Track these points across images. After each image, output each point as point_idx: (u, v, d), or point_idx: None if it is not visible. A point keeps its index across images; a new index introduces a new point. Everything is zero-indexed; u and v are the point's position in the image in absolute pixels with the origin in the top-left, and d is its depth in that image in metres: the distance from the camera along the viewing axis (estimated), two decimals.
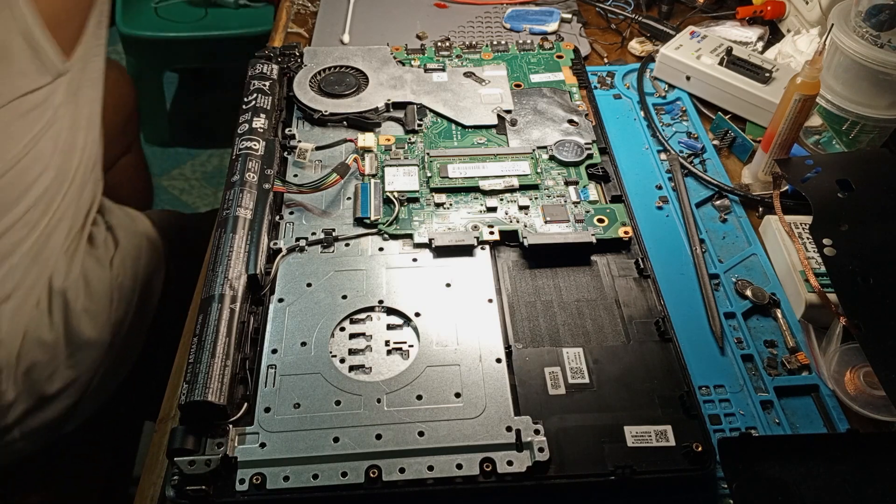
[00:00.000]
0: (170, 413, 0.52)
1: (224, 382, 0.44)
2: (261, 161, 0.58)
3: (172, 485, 0.42)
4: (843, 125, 0.71)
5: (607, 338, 0.51)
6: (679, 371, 0.49)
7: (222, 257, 0.51)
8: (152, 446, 0.51)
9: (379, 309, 0.52)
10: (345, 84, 0.69)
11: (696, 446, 0.44)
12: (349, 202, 0.59)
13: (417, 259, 0.55)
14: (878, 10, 0.65)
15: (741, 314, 0.57)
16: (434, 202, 0.59)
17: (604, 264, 0.56)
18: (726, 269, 0.60)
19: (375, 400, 0.46)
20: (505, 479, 0.43)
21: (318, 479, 0.42)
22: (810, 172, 0.62)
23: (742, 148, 0.72)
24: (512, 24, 0.87)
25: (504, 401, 0.46)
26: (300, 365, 0.48)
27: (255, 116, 0.61)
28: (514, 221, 0.58)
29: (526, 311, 0.52)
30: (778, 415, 0.51)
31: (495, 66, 0.73)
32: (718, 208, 0.66)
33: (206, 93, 1.88)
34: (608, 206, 0.59)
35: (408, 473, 0.43)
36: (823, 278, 0.56)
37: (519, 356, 0.49)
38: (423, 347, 0.49)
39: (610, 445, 0.45)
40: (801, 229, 0.60)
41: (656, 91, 0.78)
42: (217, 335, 0.46)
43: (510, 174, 0.61)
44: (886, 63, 0.65)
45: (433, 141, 0.65)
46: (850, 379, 0.53)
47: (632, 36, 0.87)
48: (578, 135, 0.65)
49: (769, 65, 0.74)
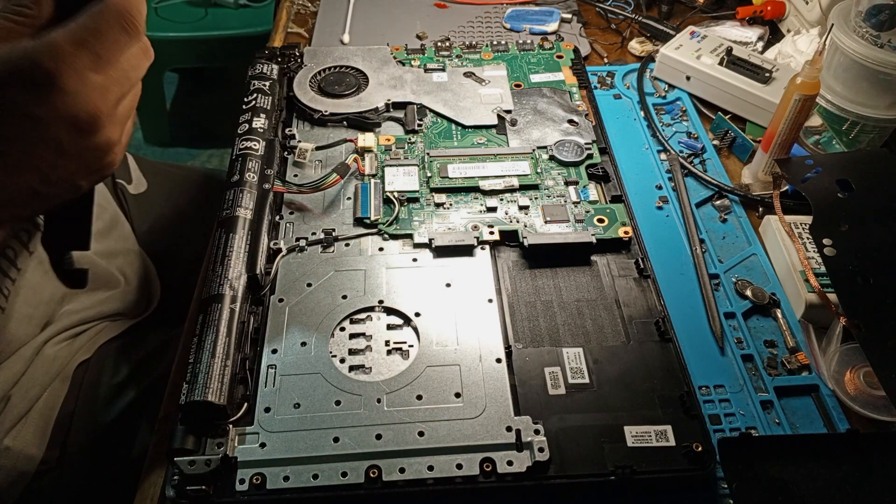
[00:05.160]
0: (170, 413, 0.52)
1: (224, 382, 0.44)
2: (261, 161, 0.58)
3: (172, 485, 0.42)
4: (843, 125, 0.71)
5: (607, 338, 0.51)
6: (679, 371, 0.49)
7: (222, 257, 0.51)
8: (152, 446, 0.51)
9: (379, 309, 0.52)
10: (345, 84, 0.69)
11: (696, 446, 0.44)
12: (349, 202, 0.59)
13: (417, 259, 0.55)
14: (878, 10, 0.65)
15: (741, 314, 0.57)
16: (434, 202, 0.59)
17: (604, 264, 0.56)
18: (726, 269, 0.60)
19: (375, 400, 0.46)
20: (505, 479, 0.43)
21: (318, 479, 0.42)
22: (810, 172, 0.62)
23: (742, 148, 0.72)
24: (512, 24, 0.87)
25: (504, 401, 0.46)
26: (300, 365, 0.48)
27: (255, 116, 0.61)
28: (514, 221, 0.58)
29: (526, 311, 0.52)
30: (778, 415, 0.51)
31: (495, 66, 0.73)
32: (718, 208, 0.66)
33: (206, 93, 1.88)
34: (608, 206, 0.59)
35: (408, 473, 0.43)
36: (823, 278, 0.56)
37: (519, 356, 0.49)
38: (423, 347, 0.49)
39: (610, 445, 0.44)
40: (801, 229, 0.60)
41: (656, 91, 0.78)
42: (217, 335, 0.46)
43: (510, 174, 0.61)
44: (886, 63, 0.65)
45: (433, 141, 0.65)
46: (850, 379, 0.53)
47: (632, 36, 0.87)
48: (578, 135, 0.65)
49: (769, 65, 0.74)
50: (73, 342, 0.67)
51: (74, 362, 0.67)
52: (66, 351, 0.66)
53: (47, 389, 0.64)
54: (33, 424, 0.63)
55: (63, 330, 0.66)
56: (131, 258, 0.77)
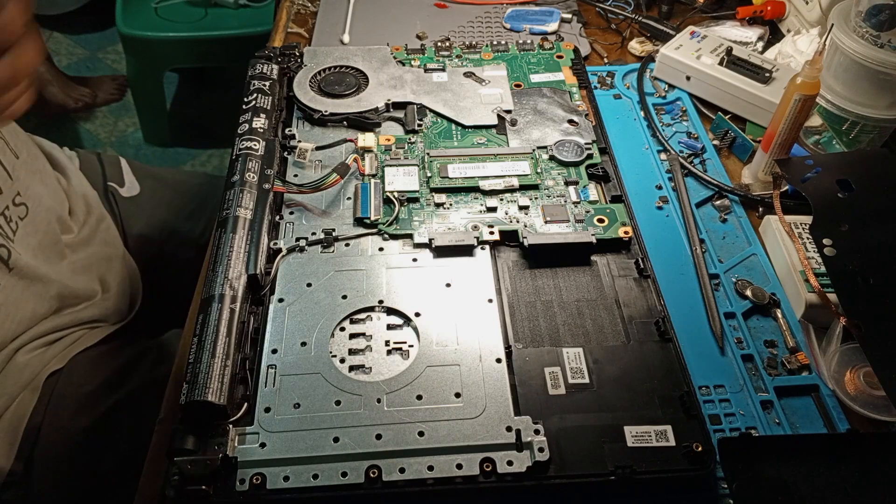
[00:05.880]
0: (170, 413, 0.52)
1: (224, 382, 0.44)
2: (261, 161, 0.58)
3: (172, 485, 0.42)
4: (843, 125, 0.71)
5: (607, 338, 0.51)
6: (679, 371, 0.49)
7: (222, 257, 0.51)
8: (152, 446, 0.51)
9: (379, 309, 0.52)
10: (345, 84, 0.69)
11: (696, 446, 0.44)
12: (349, 202, 0.59)
13: (417, 259, 0.55)
14: (878, 10, 0.65)
15: (741, 314, 0.57)
16: (434, 202, 0.59)
17: (604, 264, 0.56)
18: (726, 269, 0.60)
19: (375, 400, 0.46)
20: (505, 479, 0.43)
21: (318, 479, 0.42)
22: (810, 172, 0.62)
23: (742, 148, 0.72)
24: (512, 24, 0.87)
25: (504, 401, 0.46)
26: (300, 365, 0.48)
27: (255, 116, 0.61)
28: (514, 221, 0.58)
29: (526, 311, 0.52)
30: (778, 415, 0.51)
31: (495, 66, 0.73)
32: (718, 208, 0.66)
33: (206, 93, 1.88)
34: (608, 206, 0.59)
35: (408, 473, 0.43)
36: (823, 278, 0.56)
37: (519, 356, 0.49)
38: (423, 347, 0.49)
39: (610, 445, 0.44)
40: (801, 229, 0.60)
41: (656, 91, 0.78)
42: (217, 335, 0.46)
43: (510, 174, 0.61)
44: (886, 63, 0.65)
45: (433, 141, 0.65)
46: (850, 379, 0.53)
47: (632, 36, 0.87)
48: (578, 135, 0.65)
49: (769, 65, 0.74)
50: (47, 351, 0.66)
51: (46, 371, 0.65)
52: (38, 360, 0.65)
53: (16, 400, 0.63)
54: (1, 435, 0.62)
55: (37, 337, 0.65)
56: (114, 263, 0.76)
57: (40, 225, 0.67)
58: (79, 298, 0.70)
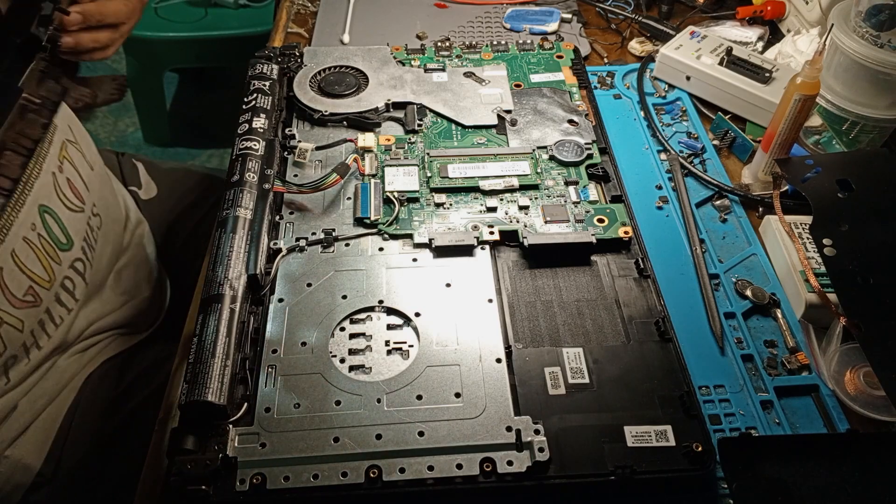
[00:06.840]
0: (170, 413, 0.52)
1: (224, 382, 0.44)
2: (261, 161, 0.58)
3: (172, 485, 0.42)
4: (843, 125, 0.71)
5: (607, 338, 0.51)
6: (679, 371, 0.49)
7: (222, 257, 0.51)
8: (152, 446, 0.51)
9: (379, 309, 0.52)
10: (345, 84, 0.69)
11: (696, 446, 0.44)
12: (349, 202, 0.59)
13: (417, 259, 0.55)
14: (878, 10, 0.65)
15: (741, 314, 0.57)
16: (434, 202, 0.59)
17: (604, 264, 0.56)
18: (726, 269, 0.60)
19: (375, 400, 0.46)
20: (505, 479, 0.43)
21: (318, 479, 0.42)
22: (810, 172, 0.62)
23: (742, 148, 0.72)
24: (512, 24, 0.87)
25: (504, 401, 0.46)
26: (300, 365, 0.48)
27: (255, 116, 0.61)
28: (514, 221, 0.58)
29: (526, 311, 0.52)
30: (778, 415, 0.51)
31: (495, 66, 0.73)
32: (718, 208, 0.66)
33: (206, 93, 1.88)
34: (608, 206, 0.59)
35: (408, 473, 0.43)
36: (823, 278, 0.56)
37: (519, 356, 0.49)
38: (423, 347, 0.49)
39: (610, 445, 0.44)
40: (801, 229, 0.60)
41: (656, 91, 0.78)
42: (217, 335, 0.46)
43: (510, 174, 0.61)
44: (886, 63, 0.65)
45: (433, 141, 0.65)
46: (850, 379, 0.52)
47: (632, 36, 0.87)
48: (578, 135, 0.65)
49: (769, 65, 0.74)
50: (84, 355, 0.67)
51: (83, 375, 0.66)
52: (76, 363, 0.66)
53: (54, 401, 0.64)
54: (35, 435, 0.62)
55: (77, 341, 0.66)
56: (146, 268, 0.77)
57: (109, 235, 0.68)
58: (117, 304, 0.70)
